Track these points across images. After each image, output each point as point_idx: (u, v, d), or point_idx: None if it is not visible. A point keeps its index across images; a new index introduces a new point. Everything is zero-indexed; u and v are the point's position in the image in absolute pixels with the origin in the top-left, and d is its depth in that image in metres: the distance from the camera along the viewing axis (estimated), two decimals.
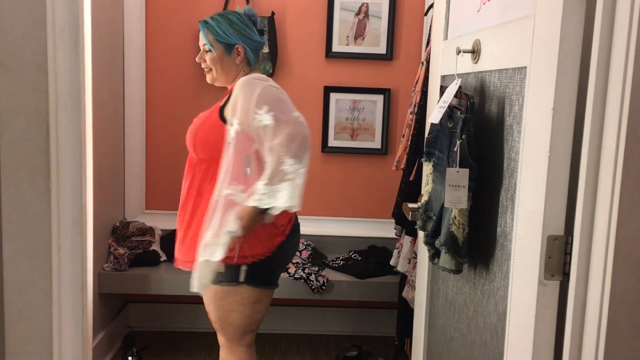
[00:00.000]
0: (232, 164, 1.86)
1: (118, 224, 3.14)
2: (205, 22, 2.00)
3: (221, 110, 1.95)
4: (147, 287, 3.00)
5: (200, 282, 1.89)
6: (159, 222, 3.28)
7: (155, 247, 3.15)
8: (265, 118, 1.79)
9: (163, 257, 3.13)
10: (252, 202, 1.81)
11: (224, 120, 1.92)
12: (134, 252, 3.04)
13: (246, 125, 1.84)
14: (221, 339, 2.13)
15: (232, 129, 1.87)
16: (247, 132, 1.85)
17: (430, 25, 2.36)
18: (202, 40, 2.01)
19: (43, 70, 1.10)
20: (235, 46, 2.00)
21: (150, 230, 3.18)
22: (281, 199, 1.77)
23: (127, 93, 3.23)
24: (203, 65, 2.05)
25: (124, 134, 3.26)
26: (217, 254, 1.83)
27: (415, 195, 2.29)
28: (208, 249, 1.85)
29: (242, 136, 1.86)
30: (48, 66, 1.09)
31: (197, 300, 2.20)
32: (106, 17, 2.92)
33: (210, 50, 2.00)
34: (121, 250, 3.02)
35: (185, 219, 2.00)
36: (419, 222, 1.80)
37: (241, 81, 1.90)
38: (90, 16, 2.62)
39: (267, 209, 1.81)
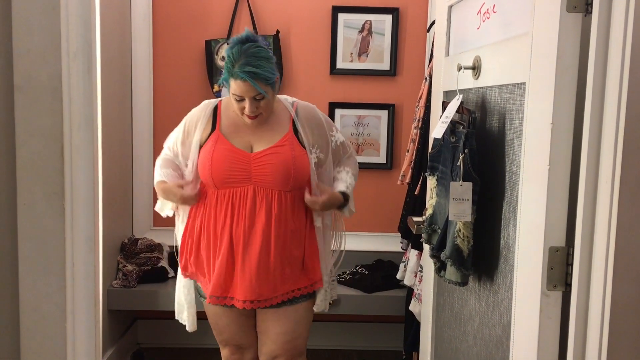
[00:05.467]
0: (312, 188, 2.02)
1: (126, 240, 3.17)
2: (254, 74, 1.86)
3: (298, 138, 2.01)
4: (156, 304, 3.01)
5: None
6: (167, 238, 3.30)
7: (164, 263, 3.17)
8: (338, 137, 2.14)
9: (171, 274, 3.15)
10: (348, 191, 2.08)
11: (304, 147, 2.01)
12: (143, 269, 3.07)
13: (323, 149, 2.05)
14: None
15: (313, 156, 2.02)
16: (322, 155, 2.05)
17: (433, 42, 2.39)
18: (253, 91, 1.88)
19: (58, 94, 1.14)
20: (276, 78, 1.97)
21: (158, 247, 3.21)
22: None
23: (135, 112, 3.29)
24: (253, 113, 1.92)
25: (132, 152, 3.30)
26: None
27: (420, 209, 2.32)
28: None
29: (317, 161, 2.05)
30: (62, 89, 1.14)
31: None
32: (115, 39, 2.98)
33: (264, 97, 1.91)
34: (130, 267, 3.04)
35: (293, 251, 2.02)
36: (424, 236, 1.83)
37: (308, 107, 2.10)
38: (99, 38, 2.67)
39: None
